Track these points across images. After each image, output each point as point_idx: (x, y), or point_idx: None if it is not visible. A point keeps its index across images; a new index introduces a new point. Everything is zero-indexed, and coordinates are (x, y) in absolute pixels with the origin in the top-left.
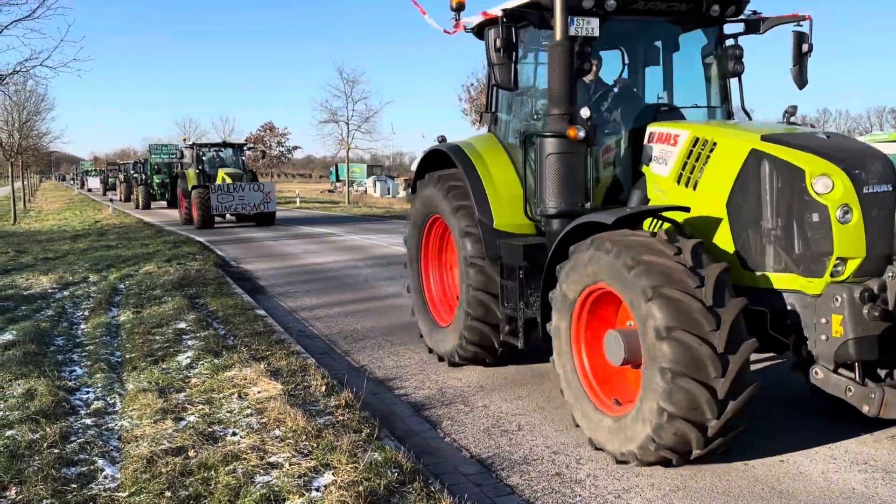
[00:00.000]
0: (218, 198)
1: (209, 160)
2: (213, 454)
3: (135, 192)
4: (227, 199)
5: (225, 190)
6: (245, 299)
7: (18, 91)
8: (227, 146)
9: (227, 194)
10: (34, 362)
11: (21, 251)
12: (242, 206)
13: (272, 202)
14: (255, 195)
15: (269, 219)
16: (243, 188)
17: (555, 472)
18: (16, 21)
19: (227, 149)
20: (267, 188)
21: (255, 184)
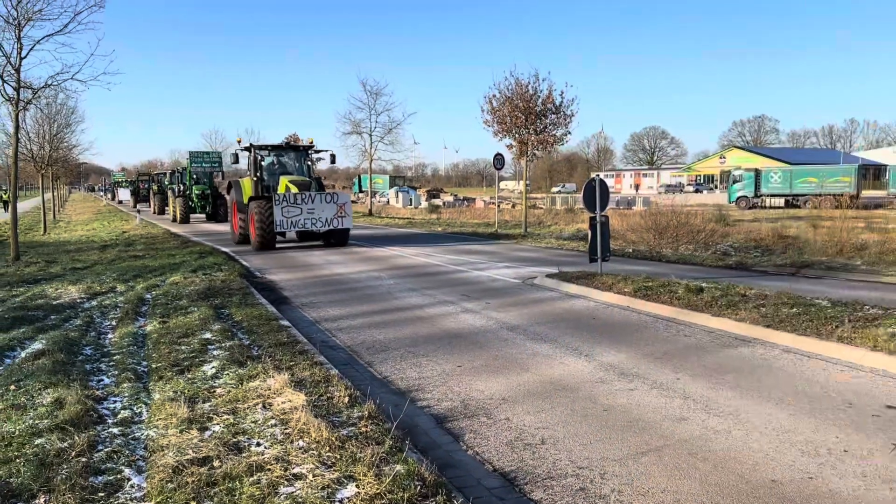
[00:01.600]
0: (282, 211)
1: (268, 166)
2: (237, 464)
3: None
4: (293, 213)
5: (291, 201)
6: (269, 310)
7: (50, 104)
8: (290, 149)
9: (293, 207)
10: (63, 371)
11: (50, 261)
12: (312, 222)
13: (348, 217)
14: (327, 208)
15: (341, 237)
16: (312, 199)
17: (579, 486)
18: (48, 36)
19: (289, 152)
20: (341, 199)
21: (327, 194)
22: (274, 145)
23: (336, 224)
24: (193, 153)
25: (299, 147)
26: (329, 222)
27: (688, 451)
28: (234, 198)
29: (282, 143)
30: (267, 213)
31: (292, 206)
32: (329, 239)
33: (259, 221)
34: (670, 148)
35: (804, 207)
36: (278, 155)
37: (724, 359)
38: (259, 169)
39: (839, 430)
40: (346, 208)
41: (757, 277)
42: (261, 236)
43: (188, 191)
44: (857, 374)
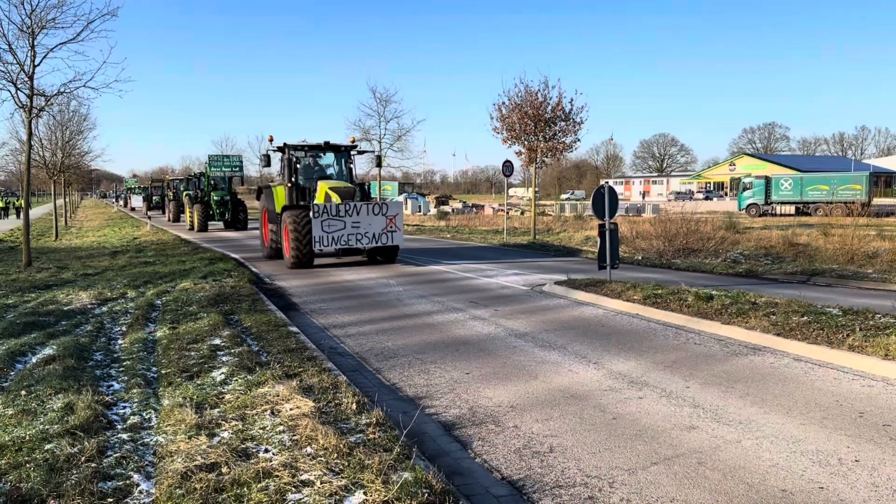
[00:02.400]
0: (322, 225)
1: (304, 170)
2: (245, 471)
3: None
4: (335, 228)
5: (332, 213)
6: (278, 316)
7: (62, 111)
8: (329, 149)
9: (335, 220)
10: (73, 377)
11: (62, 267)
12: (357, 238)
13: (398, 231)
14: (375, 221)
15: (390, 255)
16: (358, 210)
17: (587, 495)
18: (61, 44)
19: (328, 153)
20: (391, 210)
21: (374, 204)
22: (311, 145)
23: (385, 240)
24: (212, 157)
25: (340, 147)
26: (377, 238)
27: (697, 461)
28: (265, 205)
29: (320, 143)
30: (304, 227)
31: (334, 219)
32: (375, 256)
33: (294, 235)
34: (680, 155)
35: (815, 215)
36: (315, 156)
37: (734, 367)
38: (294, 173)
39: (850, 439)
40: (396, 221)
41: (767, 285)
42: (296, 253)
43: (206, 197)
44: (868, 384)
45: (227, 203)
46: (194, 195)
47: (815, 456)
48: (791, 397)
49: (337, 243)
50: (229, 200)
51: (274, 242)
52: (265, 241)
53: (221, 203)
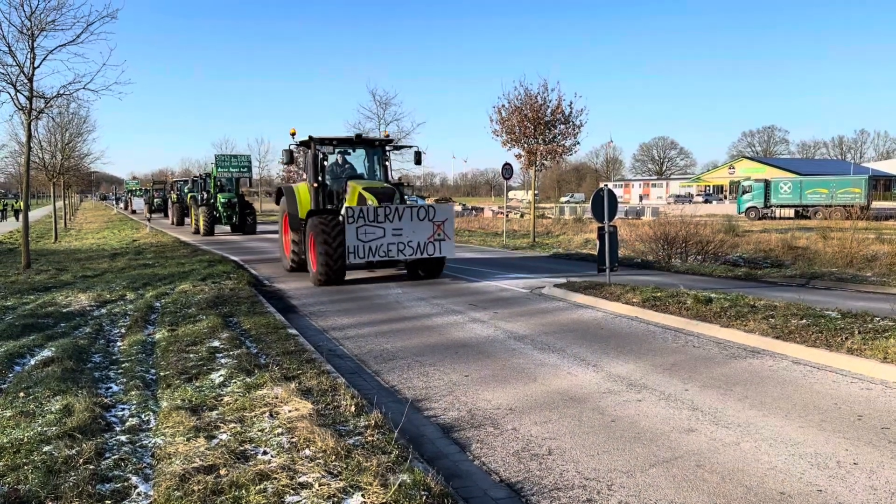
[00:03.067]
0: (358, 233)
1: (331, 168)
2: (244, 473)
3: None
4: (372, 236)
5: (370, 218)
6: (277, 318)
7: (62, 113)
8: (361, 144)
9: (373, 226)
10: (72, 379)
11: (61, 269)
12: (399, 248)
13: (448, 240)
14: (420, 227)
15: (435, 268)
16: (400, 215)
17: (586, 498)
18: (61, 46)
19: (360, 148)
20: (439, 214)
21: (419, 207)
22: (341, 139)
23: (432, 250)
24: (220, 156)
25: (374, 142)
26: (422, 248)
27: (696, 463)
28: (286, 210)
29: (351, 137)
30: (334, 235)
31: (372, 226)
32: (417, 270)
33: (323, 245)
34: (679, 158)
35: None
36: (344, 152)
37: (732, 370)
38: (320, 171)
39: (849, 442)
40: (445, 227)
41: (766, 288)
42: (326, 268)
43: (212, 199)
44: (867, 386)
45: (235, 206)
46: (200, 197)
47: (813, 459)
48: (790, 400)
49: (374, 254)
50: (237, 203)
51: (297, 254)
52: (286, 251)
53: (229, 205)
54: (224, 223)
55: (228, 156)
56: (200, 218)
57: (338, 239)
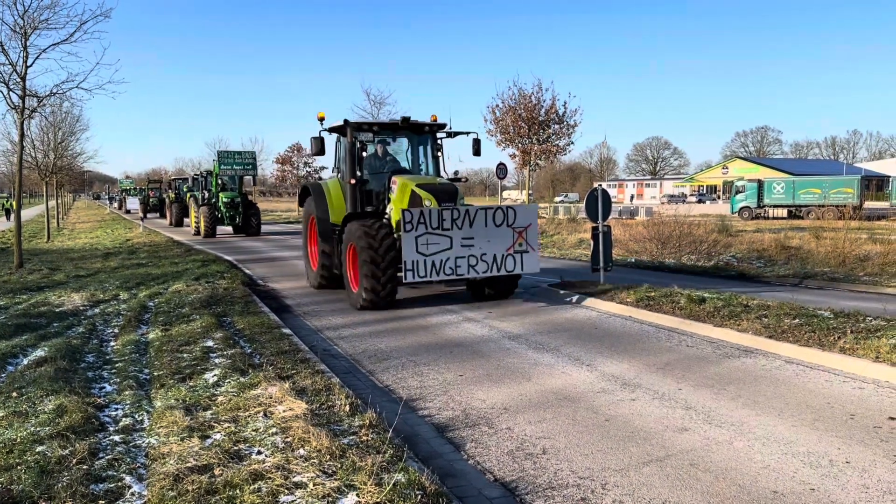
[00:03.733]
0: (418, 244)
1: (370, 160)
2: (238, 473)
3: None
4: (437, 246)
5: (433, 224)
6: (271, 318)
7: (55, 112)
8: (407, 130)
9: (437, 234)
10: (65, 379)
11: (54, 269)
12: (470, 263)
13: (532, 252)
14: (498, 235)
15: (508, 287)
16: (472, 218)
17: (580, 497)
18: (54, 45)
19: (402, 134)
20: (522, 217)
21: (499, 208)
22: (383, 123)
23: (512, 266)
24: (222, 153)
25: (424, 126)
26: (500, 263)
27: (689, 462)
28: (312, 213)
29: (396, 121)
30: (384, 246)
31: (436, 234)
32: (483, 289)
33: (370, 261)
34: (673, 158)
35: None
36: (384, 140)
37: (726, 369)
38: (357, 162)
39: (841, 441)
40: (528, 235)
41: (759, 288)
42: (373, 289)
43: (214, 198)
44: (859, 386)
45: (238, 205)
46: (200, 196)
47: (806, 457)
48: (783, 399)
49: (439, 272)
50: (240, 203)
51: (327, 268)
52: (312, 262)
53: (232, 205)
54: (226, 223)
55: (232, 152)
56: (201, 218)
57: (388, 251)
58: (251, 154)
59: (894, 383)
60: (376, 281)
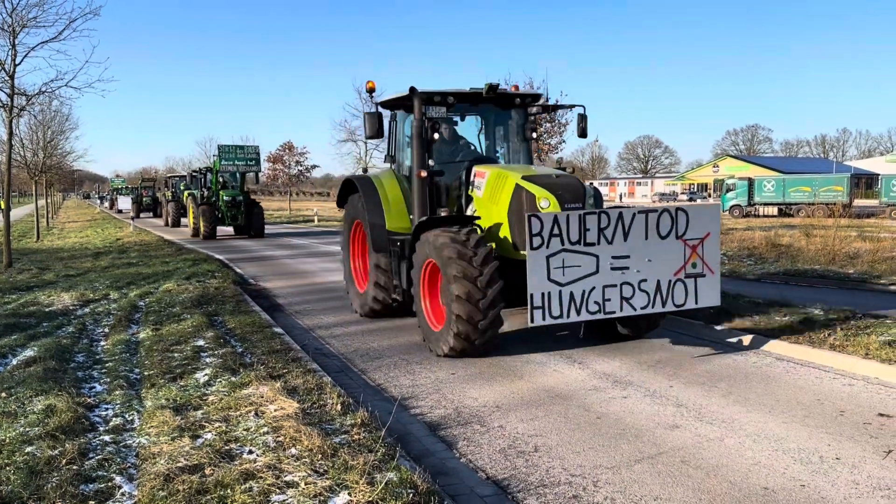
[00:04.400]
0: (551, 266)
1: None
2: (229, 472)
3: (191, 214)
4: (577, 272)
5: (572, 237)
6: (263, 317)
7: (44, 111)
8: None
9: (578, 252)
10: (54, 379)
11: (43, 268)
12: (625, 296)
13: (712, 275)
14: (664, 251)
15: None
16: (626, 227)
17: (572, 494)
18: (43, 43)
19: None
20: (697, 223)
21: (664, 211)
22: (461, 94)
23: (681, 298)
24: (223, 147)
25: (514, 98)
26: (665, 294)
27: (681, 459)
28: (359, 217)
29: (479, 90)
30: (490, 274)
31: (575, 252)
32: (617, 327)
33: (467, 299)
34: (664, 157)
35: (797, 216)
36: (457, 114)
37: (716, 367)
38: (427, 146)
39: (831, 437)
40: (704, 250)
41: (750, 285)
42: (470, 333)
43: (214, 197)
44: (849, 382)
45: (240, 204)
46: (199, 195)
47: (796, 454)
48: (773, 396)
49: (580, 309)
50: (242, 201)
51: (383, 290)
52: (358, 282)
53: (233, 204)
54: (227, 224)
55: (233, 146)
56: (200, 218)
57: (491, 279)
58: (254, 149)
59: (884, 380)
60: (470, 323)
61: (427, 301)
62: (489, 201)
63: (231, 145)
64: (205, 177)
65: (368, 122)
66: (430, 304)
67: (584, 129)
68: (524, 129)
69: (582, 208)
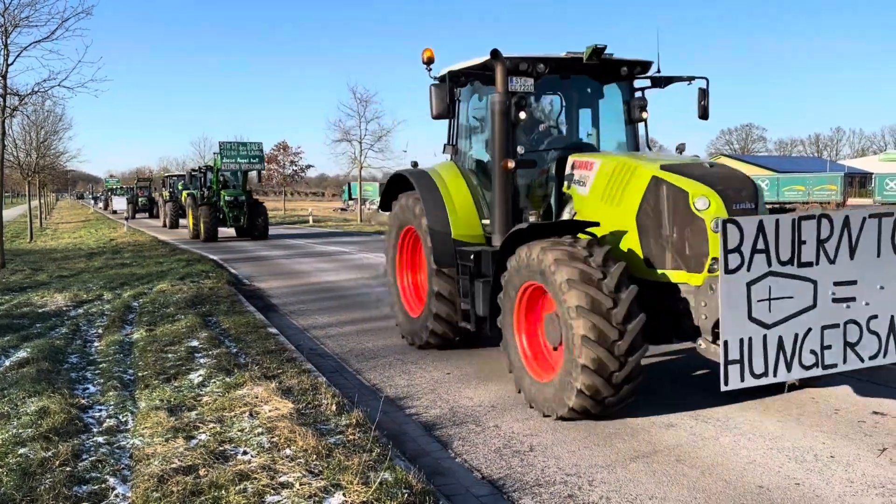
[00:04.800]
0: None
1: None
2: (223, 473)
3: (190, 215)
4: (788, 307)
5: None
6: (257, 317)
7: (37, 111)
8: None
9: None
10: (48, 380)
11: (37, 269)
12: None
13: None
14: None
15: None
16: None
17: (567, 493)
18: (35, 42)
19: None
20: None
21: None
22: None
23: None
24: (225, 144)
25: (620, 66)
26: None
27: (676, 458)
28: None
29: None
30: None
31: (786, 276)
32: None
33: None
34: None
35: None
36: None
37: (711, 365)
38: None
39: (826, 436)
40: None
41: None
42: (600, 390)
43: (215, 197)
44: (843, 381)
45: (243, 205)
46: (199, 195)
47: (791, 452)
48: (768, 394)
49: (792, 362)
50: (244, 202)
51: (445, 321)
52: (407, 303)
53: (235, 204)
54: (229, 225)
55: (236, 143)
56: (201, 219)
57: (630, 314)
58: (257, 146)
59: (877, 378)
60: (601, 375)
61: (521, 337)
62: (603, 201)
63: (233, 142)
64: (205, 176)
65: (436, 97)
66: (529, 344)
67: (706, 109)
68: (631, 107)
69: (756, 211)
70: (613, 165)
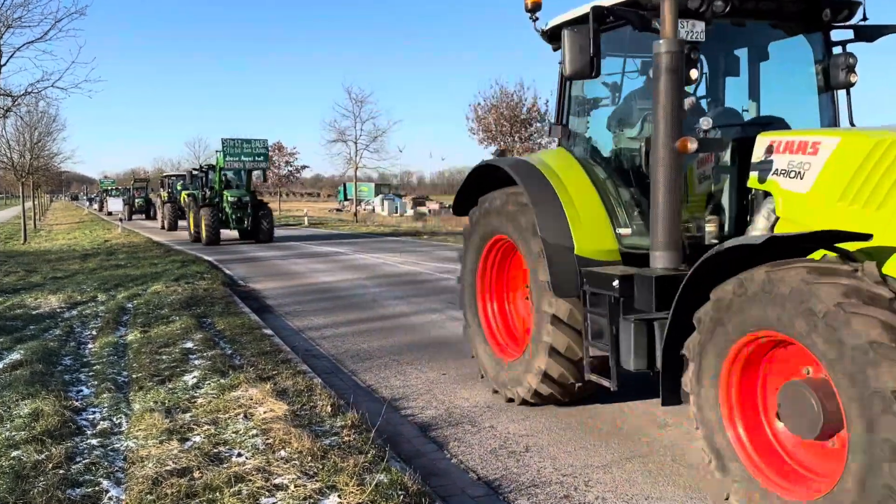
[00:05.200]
0: None
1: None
2: (218, 475)
3: (191, 216)
4: None
5: None
6: (252, 318)
7: (30, 112)
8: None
9: None
10: (41, 382)
11: (30, 270)
12: None
13: None
14: None
15: None
16: None
17: (563, 494)
18: (28, 43)
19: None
20: None
21: None
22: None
23: None
24: (227, 142)
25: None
26: None
27: (671, 458)
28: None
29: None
30: None
31: None
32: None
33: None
34: None
35: None
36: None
37: None
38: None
39: None
40: None
41: None
42: None
43: (217, 197)
44: None
45: (247, 206)
46: (200, 195)
47: None
48: None
49: None
50: (249, 202)
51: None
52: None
53: (239, 205)
54: (232, 227)
55: (239, 140)
56: (202, 221)
57: None
58: (262, 143)
59: None
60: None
61: (738, 424)
62: (847, 201)
63: (236, 139)
64: (206, 175)
65: (571, 47)
66: (747, 433)
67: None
68: (830, 67)
69: None
70: (867, 146)
